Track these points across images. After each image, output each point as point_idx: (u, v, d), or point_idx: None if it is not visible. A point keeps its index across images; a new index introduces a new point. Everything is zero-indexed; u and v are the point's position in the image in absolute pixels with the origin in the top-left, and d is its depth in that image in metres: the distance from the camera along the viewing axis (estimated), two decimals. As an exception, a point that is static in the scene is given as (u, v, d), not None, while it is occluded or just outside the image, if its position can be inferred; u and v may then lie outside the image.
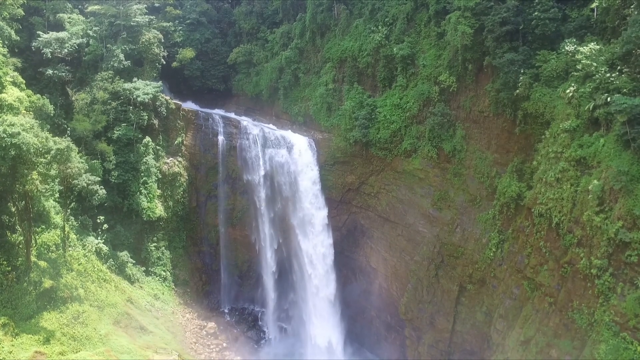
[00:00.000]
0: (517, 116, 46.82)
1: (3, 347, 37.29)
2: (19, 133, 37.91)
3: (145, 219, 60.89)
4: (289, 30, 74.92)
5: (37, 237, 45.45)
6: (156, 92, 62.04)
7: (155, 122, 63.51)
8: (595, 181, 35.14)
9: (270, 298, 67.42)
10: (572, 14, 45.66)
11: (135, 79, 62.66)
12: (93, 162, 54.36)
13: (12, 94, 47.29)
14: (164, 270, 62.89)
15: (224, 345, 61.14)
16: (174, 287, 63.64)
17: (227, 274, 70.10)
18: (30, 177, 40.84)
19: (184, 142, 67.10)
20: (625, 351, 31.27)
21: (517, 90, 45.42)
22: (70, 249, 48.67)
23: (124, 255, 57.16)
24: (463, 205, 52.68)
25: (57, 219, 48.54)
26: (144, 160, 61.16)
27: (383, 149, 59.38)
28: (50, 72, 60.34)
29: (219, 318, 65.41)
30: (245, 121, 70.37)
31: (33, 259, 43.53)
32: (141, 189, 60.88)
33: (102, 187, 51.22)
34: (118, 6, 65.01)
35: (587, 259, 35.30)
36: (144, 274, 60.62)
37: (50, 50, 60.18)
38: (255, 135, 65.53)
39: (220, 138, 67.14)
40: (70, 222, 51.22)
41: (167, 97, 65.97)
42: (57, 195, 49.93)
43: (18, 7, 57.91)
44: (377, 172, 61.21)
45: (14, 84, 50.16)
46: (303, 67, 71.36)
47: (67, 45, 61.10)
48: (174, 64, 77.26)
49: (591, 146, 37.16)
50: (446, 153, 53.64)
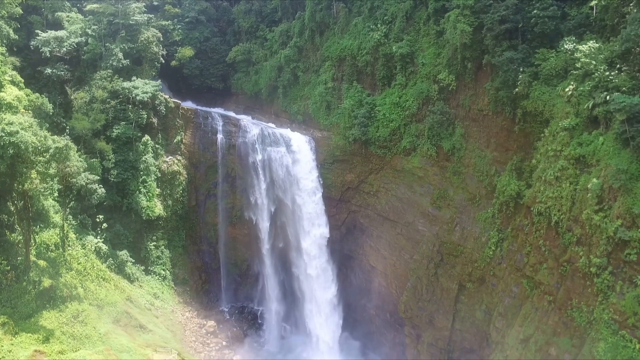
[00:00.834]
0: (516, 114, 46.81)
1: (2, 346, 37.26)
2: (17, 132, 37.84)
3: (144, 217, 60.85)
4: (288, 28, 74.82)
5: (36, 236, 45.39)
6: (155, 91, 61.97)
7: (155, 120, 63.47)
8: (595, 179, 35.15)
9: (270, 296, 67.44)
10: (571, 12, 45.61)
11: (134, 78, 62.57)
12: (92, 160, 54.30)
13: (11, 93, 47.20)
14: (163, 269, 62.90)
15: (224, 343, 61.21)
16: (173, 286, 63.66)
17: (227, 272, 70.13)
18: (29, 176, 40.80)
19: (183, 140, 67.05)
20: (624, 349, 31.34)
21: (517, 89, 45.39)
22: (69, 248, 48.64)
23: (124, 254, 57.15)
24: (462, 203, 52.70)
25: (56, 218, 48.50)
26: (143, 159, 61.11)
27: (382, 148, 59.37)
28: (49, 70, 60.22)
29: (218, 316, 65.44)
30: (245, 120, 70.34)
31: (32, 258, 43.48)
32: (140, 187, 60.85)
33: (101, 186, 51.18)
34: (117, 5, 64.87)
35: (587, 258, 35.33)
36: (143, 272, 60.62)
37: (48, 49, 60.06)
38: (255, 133, 65.49)
39: (220, 136, 67.08)
40: (69, 221, 51.17)
41: (166, 96, 65.89)
42: (56, 194, 49.91)
43: (16, 6, 57.68)
44: (377, 170, 61.20)
45: (13, 82, 50.05)
46: (302, 66, 71.30)
47: (65, 44, 60.97)
48: (173, 63, 77.20)
49: (590, 144, 37.17)
50: (445, 151, 53.63)
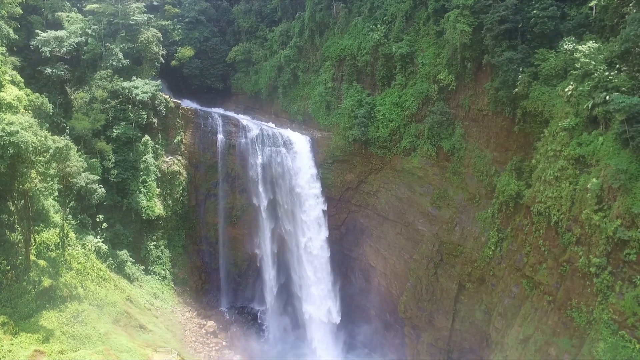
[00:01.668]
0: (516, 115, 46.87)
1: (2, 346, 37.31)
2: (17, 132, 37.87)
3: (144, 217, 60.88)
4: (287, 28, 74.86)
5: (36, 236, 45.40)
6: (155, 91, 62.02)
7: (155, 120, 63.50)
8: (594, 179, 35.18)
9: (269, 296, 67.44)
10: (570, 12, 45.69)
11: (134, 78, 62.62)
12: (92, 160, 54.36)
13: (11, 93, 47.25)
14: (163, 269, 62.93)
15: (224, 343, 61.23)
16: (173, 285, 63.68)
17: (227, 272, 70.15)
18: (29, 176, 40.85)
19: (183, 140, 67.07)
20: (624, 349, 31.37)
21: (516, 89, 45.45)
22: (69, 247, 48.65)
23: (123, 254, 57.17)
24: (462, 203, 52.73)
25: (56, 217, 48.53)
26: (143, 159, 61.15)
27: (382, 148, 59.41)
28: (49, 70, 60.25)
29: (218, 317, 65.47)
30: (245, 120, 70.37)
31: (32, 257, 43.51)
32: (140, 187, 60.88)
33: (101, 185, 51.23)
34: (117, 5, 64.91)
35: (586, 258, 35.36)
36: (143, 272, 60.64)
37: (48, 49, 60.09)
38: (255, 133, 65.52)
39: (220, 137, 67.12)
40: (69, 221, 51.20)
41: (166, 96, 65.94)
42: (56, 194, 49.95)
43: (16, 6, 57.70)
44: (376, 170, 61.23)
45: (13, 82, 50.10)
46: (302, 66, 71.34)
47: (65, 43, 61.00)
48: (173, 63, 77.25)
49: (590, 144, 37.21)
50: (445, 151, 53.66)
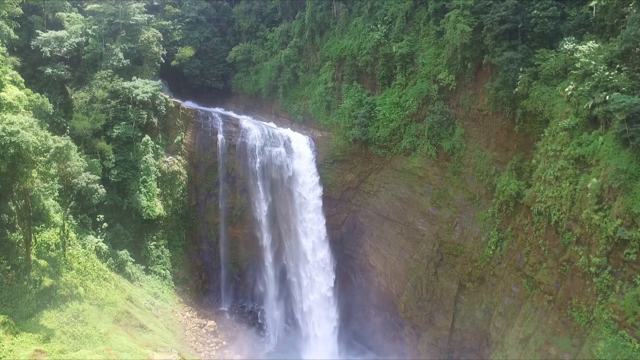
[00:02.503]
0: (516, 114, 46.95)
1: (3, 346, 37.30)
2: (18, 131, 37.90)
3: (144, 217, 60.87)
4: (288, 28, 74.90)
5: (37, 235, 45.44)
6: (155, 91, 62.02)
7: (155, 120, 63.52)
8: (594, 179, 35.25)
9: (270, 296, 67.51)
10: (571, 13, 45.78)
11: (134, 78, 62.61)
12: (92, 160, 54.30)
13: (12, 93, 47.25)
14: (163, 269, 62.94)
15: (224, 343, 61.25)
16: (173, 285, 63.68)
17: (227, 272, 70.16)
18: (29, 176, 40.84)
19: (184, 140, 67.09)
20: (624, 349, 31.43)
21: (516, 89, 45.53)
22: (70, 247, 48.69)
23: (124, 253, 57.18)
24: (462, 203, 52.79)
25: (57, 217, 48.56)
26: (144, 159, 61.16)
27: (382, 148, 59.46)
28: (49, 70, 60.25)
29: (218, 316, 65.49)
30: (245, 120, 70.38)
31: (33, 257, 43.54)
32: (141, 187, 60.88)
33: (101, 185, 51.16)
34: (117, 5, 64.92)
35: (586, 257, 35.43)
36: (143, 272, 60.65)
37: (49, 49, 60.09)
38: (255, 134, 65.55)
39: (220, 136, 67.13)
40: (69, 221, 51.23)
41: (167, 96, 65.94)
42: (56, 194, 49.94)
43: (17, 6, 57.77)
44: (377, 170, 61.28)
45: (13, 82, 50.12)
46: (302, 66, 71.38)
47: (66, 44, 61.00)
48: (173, 63, 77.25)
49: (590, 144, 37.28)
50: (445, 151, 53.72)
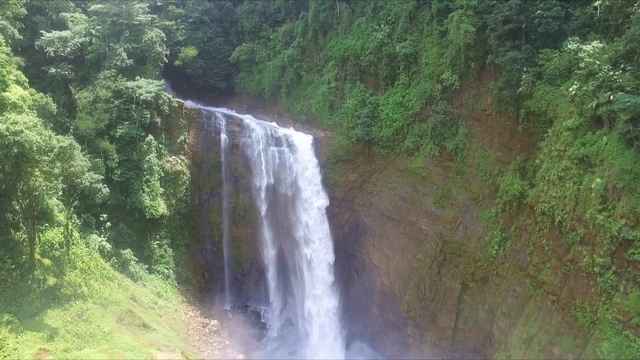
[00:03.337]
0: (519, 114, 46.88)
1: (8, 344, 37.49)
2: (22, 131, 38.03)
3: (148, 217, 60.98)
4: (291, 28, 74.95)
5: (41, 235, 45.59)
6: (159, 91, 62.14)
7: (158, 120, 63.63)
8: (598, 179, 35.17)
9: (272, 296, 67.59)
10: (575, 12, 45.64)
11: (137, 78, 62.76)
12: (96, 160, 54.47)
13: (16, 93, 47.46)
14: (166, 268, 63.06)
15: (227, 342, 61.33)
16: (176, 284, 63.79)
17: (230, 271, 70.30)
18: (33, 175, 40.98)
19: (187, 140, 67.20)
20: (628, 349, 31.35)
21: (520, 89, 45.45)
22: (73, 246, 48.82)
23: (127, 253, 57.30)
24: (465, 203, 52.73)
25: (61, 217, 48.70)
26: (147, 159, 61.27)
27: (385, 147, 59.44)
28: (53, 70, 60.42)
29: (221, 315, 65.60)
30: (248, 119, 70.48)
31: (37, 256, 43.69)
32: (144, 187, 60.98)
33: (105, 185, 51.41)
34: (120, 5, 65.10)
35: (590, 257, 35.35)
36: (147, 271, 60.78)
37: (53, 49, 60.28)
38: (258, 133, 65.61)
39: (223, 136, 67.22)
40: (73, 220, 51.36)
41: (170, 96, 66.05)
42: (60, 194, 50.07)
43: (21, 6, 58.03)
44: (380, 170, 61.26)
45: (18, 82, 50.32)
46: (305, 66, 71.41)
47: (70, 44, 61.20)
48: (177, 63, 77.42)
49: (594, 144, 37.19)
50: (449, 151, 53.67)
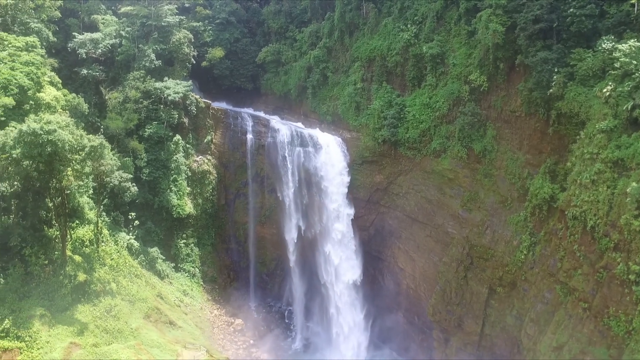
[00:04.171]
0: (550, 116, 45.74)
1: (41, 337, 38.72)
2: (55, 130, 39.05)
3: (175, 215, 61.90)
4: (317, 29, 74.98)
5: (72, 232, 46.72)
6: (186, 91, 63.01)
7: (185, 120, 64.53)
8: (634, 184, 33.99)
9: (297, 296, 67.67)
10: (610, 10, 44.18)
11: (166, 78, 63.76)
12: (125, 159, 55.57)
13: (50, 93, 48.90)
14: (192, 267, 63.88)
15: (251, 342, 61.71)
16: (202, 283, 64.56)
17: (255, 271, 70.70)
18: (65, 174, 42.04)
19: (213, 140, 67.94)
20: (665, 360, 30.21)
21: (551, 90, 44.32)
22: (103, 244, 49.87)
23: (154, 251, 58.27)
24: (493, 206, 51.76)
25: (91, 214, 49.82)
26: (174, 158, 62.19)
27: (412, 149, 58.86)
28: (84, 71, 61.93)
29: (246, 315, 66.02)
30: (274, 120, 70.78)
31: (68, 253, 44.77)
32: (171, 186, 61.93)
33: (133, 184, 52.33)
34: (150, 7, 66.29)
35: (625, 265, 34.20)
36: (173, 270, 61.69)
37: (85, 50, 61.80)
38: (284, 134, 65.83)
39: (249, 137, 67.69)
40: (103, 218, 52.44)
41: (197, 96, 66.90)
42: (90, 192, 51.32)
43: (55, 10, 59.75)
44: (406, 172, 60.70)
45: (51, 83, 51.77)
46: (331, 66, 71.33)
47: (100, 45, 62.63)
48: (204, 64, 78.32)
49: (630, 147, 35.97)
50: (476, 153, 52.80)
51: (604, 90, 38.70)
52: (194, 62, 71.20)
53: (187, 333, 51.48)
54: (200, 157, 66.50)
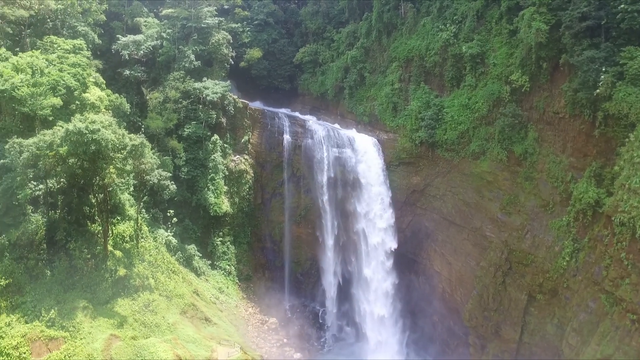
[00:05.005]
0: (596, 117, 43.87)
1: (83, 328, 40.24)
2: (99, 130, 40.46)
3: (212, 214, 62.88)
4: (354, 29, 74.70)
5: (114, 227, 48.22)
6: (224, 92, 63.96)
7: (223, 120, 65.49)
8: (688, 189, 32.19)
9: (331, 297, 67.54)
10: (664, 7, 42.07)
11: (204, 79, 64.93)
12: (164, 158, 56.92)
13: (94, 94, 50.73)
14: (228, 265, 64.74)
15: (285, 341, 61.99)
16: (237, 281, 65.35)
17: (290, 271, 71.01)
18: (108, 171, 43.46)
19: (250, 140, 68.68)
20: None
21: (598, 90, 42.50)
22: (142, 240, 51.21)
23: (191, 248, 59.38)
24: (534, 210, 50.12)
25: (131, 211, 51.25)
26: (212, 157, 63.21)
27: (450, 150, 57.76)
28: (127, 72, 63.84)
29: (280, 314, 66.41)
30: (311, 120, 70.94)
31: (109, 248, 46.26)
32: (209, 185, 62.96)
33: (172, 182, 53.52)
34: (190, 9, 67.74)
35: (676, 274, 32.41)
36: (209, 267, 62.70)
37: (127, 52, 63.72)
38: (321, 135, 65.84)
39: (286, 137, 68.06)
40: (142, 215, 53.90)
41: (235, 96, 67.86)
42: (131, 189, 52.81)
43: (101, 13, 61.98)
44: (443, 173, 59.60)
45: (96, 84, 53.72)
46: (369, 67, 70.89)
47: (142, 47, 64.41)
48: (242, 64, 79.41)
49: (683, 151, 34.10)
50: (517, 156, 51.27)
51: (656, 90, 36.87)
52: (232, 62, 72.26)
53: (222, 330, 52.20)
54: (238, 156, 67.34)
